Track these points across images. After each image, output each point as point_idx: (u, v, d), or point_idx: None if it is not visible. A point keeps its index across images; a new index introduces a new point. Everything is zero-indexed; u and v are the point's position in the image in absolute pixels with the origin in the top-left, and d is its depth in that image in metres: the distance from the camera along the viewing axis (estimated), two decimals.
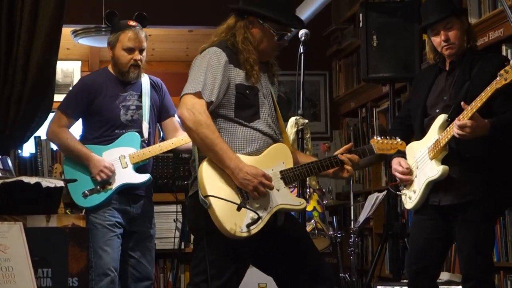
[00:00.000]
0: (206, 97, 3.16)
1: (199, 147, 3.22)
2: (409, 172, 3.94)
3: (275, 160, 3.25)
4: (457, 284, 4.42)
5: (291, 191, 4.89)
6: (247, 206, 3.11)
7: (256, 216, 3.10)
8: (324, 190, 5.40)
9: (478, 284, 3.88)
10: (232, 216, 3.10)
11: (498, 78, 3.58)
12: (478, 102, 3.61)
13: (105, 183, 4.41)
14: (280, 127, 3.43)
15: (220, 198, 3.09)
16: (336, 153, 3.46)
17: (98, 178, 4.38)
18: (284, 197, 3.24)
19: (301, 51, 4.19)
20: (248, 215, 3.11)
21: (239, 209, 3.09)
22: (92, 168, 4.39)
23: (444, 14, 3.93)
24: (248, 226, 3.11)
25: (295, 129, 4.27)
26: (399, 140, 3.69)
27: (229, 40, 3.33)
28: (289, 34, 3.38)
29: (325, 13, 7.11)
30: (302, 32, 4.22)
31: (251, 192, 3.16)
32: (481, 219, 3.86)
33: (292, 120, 4.32)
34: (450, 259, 5.00)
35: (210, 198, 3.08)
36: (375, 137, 3.63)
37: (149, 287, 4.55)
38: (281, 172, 3.25)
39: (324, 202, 5.23)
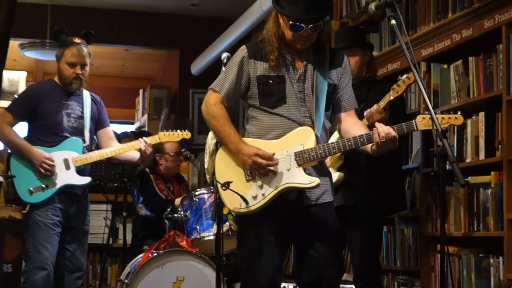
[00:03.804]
0: (218, 91, 3.46)
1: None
2: None
3: (293, 142, 3.36)
4: (350, 283, 4.58)
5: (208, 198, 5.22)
6: (230, 188, 3.32)
7: (242, 198, 3.33)
8: None
9: (367, 283, 4.27)
10: (233, 194, 3.36)
11: (391, 91, 3.94)
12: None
13: (49, 181, 4.60)
14: (314, 111, 3.40)
15: (217, 181, 3.42)
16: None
17: (42, 170, 4.56)
18: (292, 176, 3.33)
19: None
20: (250, 192, 3.35)
21: (224, 188, 3.34)
22: (34, 159, 4.56)
23: (349, 43, 4.30)
24: (247, 202, 3.34)
25: (215, 140, 4.16)
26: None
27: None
28: (303, 25, 3.33)
29: None
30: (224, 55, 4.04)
31: (252, 170, 3.37)
32: (367, 224, 4.20)
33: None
34: (346, 261, 5.20)
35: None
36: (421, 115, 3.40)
37: (80, 278, 4.81)
38: (295, 153, 3.35)
39: None
